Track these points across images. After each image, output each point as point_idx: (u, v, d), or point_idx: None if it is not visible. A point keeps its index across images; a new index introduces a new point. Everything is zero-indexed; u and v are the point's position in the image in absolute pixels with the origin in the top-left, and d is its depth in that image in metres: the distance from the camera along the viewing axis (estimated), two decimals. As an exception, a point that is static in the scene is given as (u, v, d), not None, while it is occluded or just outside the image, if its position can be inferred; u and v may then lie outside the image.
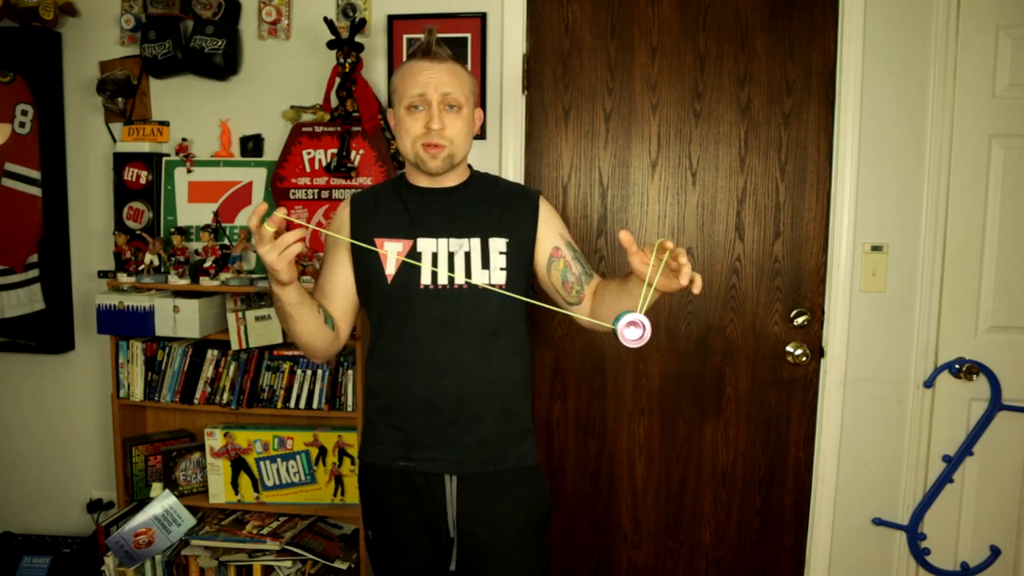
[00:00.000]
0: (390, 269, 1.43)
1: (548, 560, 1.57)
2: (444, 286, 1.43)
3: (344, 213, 1.53)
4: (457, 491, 1.46)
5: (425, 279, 1.43)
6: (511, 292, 1.44)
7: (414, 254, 1.44)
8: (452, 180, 1.51)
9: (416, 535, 1.49)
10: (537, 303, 1.32)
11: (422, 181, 1.50)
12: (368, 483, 1.54)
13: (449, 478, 1.46)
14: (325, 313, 1.45)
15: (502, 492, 1.48)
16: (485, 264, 1.45)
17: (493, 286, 1.44)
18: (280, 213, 1.25)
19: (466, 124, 1.46)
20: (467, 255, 1.45)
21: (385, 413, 1.49)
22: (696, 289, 1.18)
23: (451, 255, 1.44)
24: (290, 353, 2.22)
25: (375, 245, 1.42)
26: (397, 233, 1.45)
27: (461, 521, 1.46)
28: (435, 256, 1.44)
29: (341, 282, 1.51)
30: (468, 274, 1.44)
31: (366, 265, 1.47)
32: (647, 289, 1.18)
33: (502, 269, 1.45)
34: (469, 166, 1.58)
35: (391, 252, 1.43)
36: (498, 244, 1.46)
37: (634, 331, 1.13)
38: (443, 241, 1.45)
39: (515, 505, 1.49)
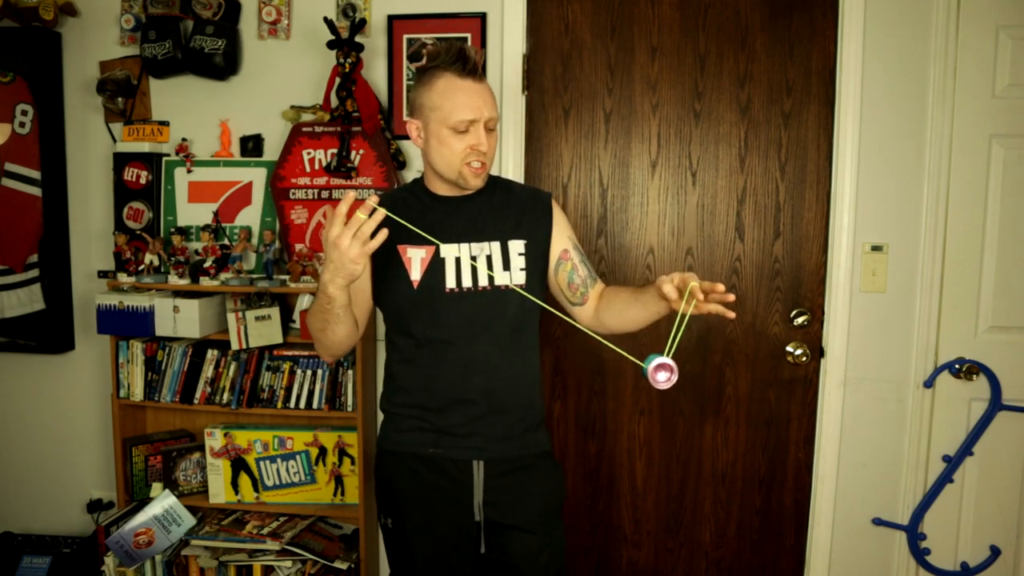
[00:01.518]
0: (415, 275, 1.48)
1: (564, 541, 1.62)
2: (469, 288, 1.48)
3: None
4: (484, 475, 1.50)
5: (450, 282, 1.47)
6: (530, 291, 1.50)
7: (438, 259, 1.49)
8: None
9: (443, 519, 1.53)
10: (556, 311, 1.37)
11: (442, 190, 1.54)
12: (387, 471, 1.57)
13: (476, 463, 1.50)
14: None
15: (525, 475, 1.53)
16: (506, 266, 1.50)
17: (515, 286, 1.49)
18: (372, 201, 1.27)
19: (496, 140, 1.53)
20: (488, 258, 1.50)
21: (413, 408, 1.53)
22: (731, 314, 1.29)
23: (473, 259, 1.49)
24: (290, 353, 2.22)
25: (399, 252, 1.49)
26: (419, 239, 1.47)
27: (487, 504, 1.51)
28: (458, 261, 1.49)
29: (361, 285, 1.54)
30: (491, 277, 1.49)
31: (390, 271, 1.51)
32: (676, 332, 1.23)
33: (522, 269, 1.51)
34: None
35: (415, 258, 1.49)
36: (517, 246, 1.52)
37: (663, 374, 1.22)
38: (465, 246, 1.50)
39: (537, 487, 1.55)
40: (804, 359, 2.23)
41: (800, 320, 2.22)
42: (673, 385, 1.22)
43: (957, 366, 2.15)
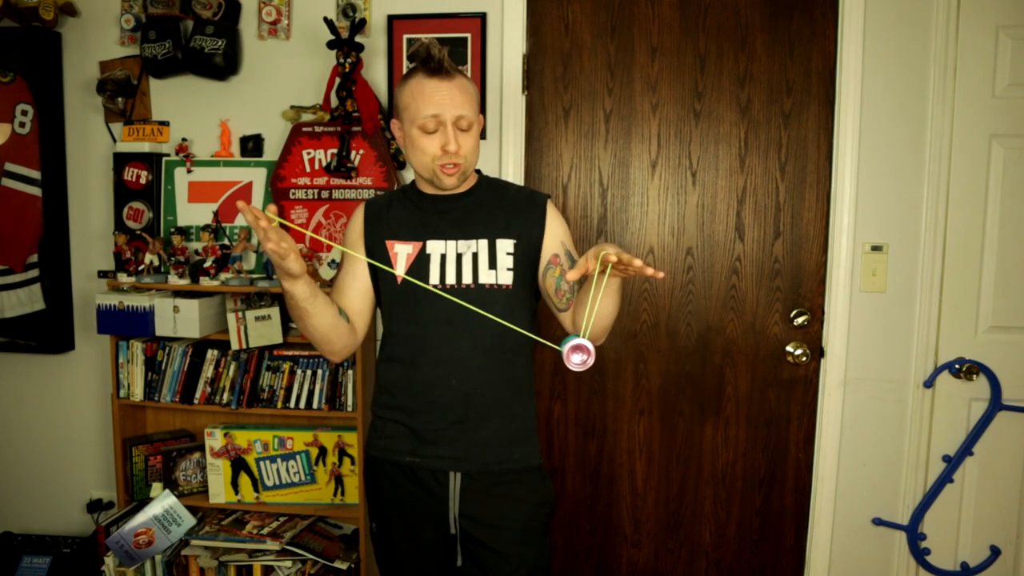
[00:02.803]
0: (400, 270, 1.47)
1: (549, 559, 1.58)
2: (452, 286, 1.46)
3: (358, 218, 1.57)
4: (460, 488, 1.48)
5: (434, 279, 1.46)
6: (519, 294, 1.49)
7: (423, 256, 1.48)
8: (461, 187, 1.53)
9: (420, 529, 1.52)
10: (534, 336, 1.35)
11: (429, 188, 1.53)
12: (373, 476, 1.57)
13: (453, 475, 1.48)
14: (338, 306, 1.48)
15: (504, 491, 1.49)
16: (492, 264, 1.48)
17: (500, 287, 1.47)
18: (271, 211, 1.26)
19: (476, 139, 1.48)
20: (475, 256, 1.48)
21: (394, 410, 1.52)
22: (660, 274, 1.15)
23: (459, 256, 1.47)
24: (290, 353, 2.22)
25: (386, 248, 1.49)
26: (407, 236, 1.50)
27: (462, 518, 1.49)
28: (444, 257, 1.47)
29: (359, 283, 1.54)
30: (475, 275, 1.47)
31: (379, 267, 1.50)
32: (589, 313, 1.19)
33: (509, 270, 1.48)
34: (477, 171, 1.60)
35: (401, 254, 1.48)
36: (505, 245, 1.49)
37: (578, 356, 1.16)
38: (451, 243, 1.48)
39: (516, 504, 1.50)
40: (804, 359, 2.23)
41: (800, 320, 2.22)
42: (589, 368, 1.15)
43: (957, 366, 2.15)
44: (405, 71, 1.53)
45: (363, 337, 1.55)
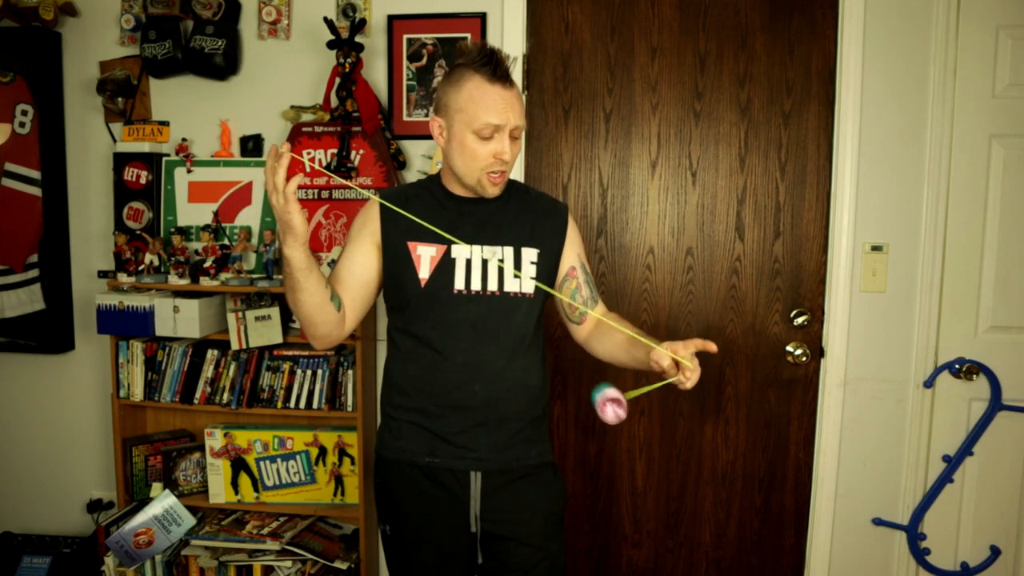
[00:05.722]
0: (423, 273, 1.45)
1: (564, 551, 1.60)
2: (477, 291, 1.46)
3: (373, 211, 1.51)
4: (482, 486, 1.49)
5: (458, 284, 1.45)
6: (538, 302, 1.50)
7: (448, 259, 1.46)
8: None
9: (439, 529, 1.51)
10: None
11: (459, 190, 1.51)
12: (387, 478, 1.55)
13: (474, 474, 1.48)
14: (332, 291, 1.44)
15: (523, 485, 1.51)
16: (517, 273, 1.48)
17: (523, 295, 1.48)
18: (284, 148, 1.27)
19: (520, 148, 1.49)
20: (500, 263, 1.47)
21: (411, 411, 1.50)
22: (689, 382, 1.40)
23: (484, 262, 1.47)
24: (290, 353, 2.22)
25: (408, 249, 1.46)
26: (430, 237, 1.45)
27: (484, 515, 1.49)
28: (469, 263, 1.46)
29: (359, 272, 1.49)
30: (501, 283, 1.47)
31: (398, 267, 1.47)
32: (648, 389, 1.26)
33: (532, 278, 1.49)
34: None
35: (424, 256, 1.46)
36: (530, 254, 1.50)
37: (613, 409, 1.21)
38: (476, 248, 1.47)
39: (536, 498, 1.53)
40: (804, 359, 2.23)
41: (800, 320, 2.22)
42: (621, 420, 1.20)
43: (957, 366, 2.15)
44: (450, 68, 1.46)
45: (350, 331, 1.50)
